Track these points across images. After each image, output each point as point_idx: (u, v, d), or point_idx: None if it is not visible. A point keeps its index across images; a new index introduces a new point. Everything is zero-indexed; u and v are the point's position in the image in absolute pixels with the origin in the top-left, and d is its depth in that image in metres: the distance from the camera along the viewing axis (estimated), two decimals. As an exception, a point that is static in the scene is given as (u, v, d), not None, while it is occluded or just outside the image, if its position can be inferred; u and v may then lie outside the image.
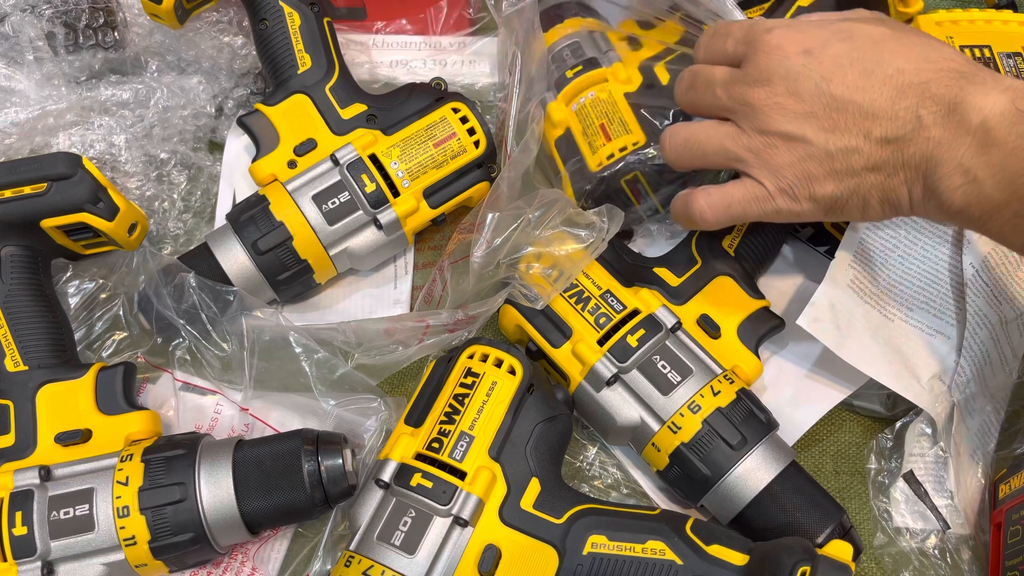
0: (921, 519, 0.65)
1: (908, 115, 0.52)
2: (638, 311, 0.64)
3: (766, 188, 0.57)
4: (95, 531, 0.56)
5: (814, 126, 0.54)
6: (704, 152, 0.59)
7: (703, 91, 0.59)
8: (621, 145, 0.67)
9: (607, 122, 0.68)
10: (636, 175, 0.67)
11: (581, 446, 0.68)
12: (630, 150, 0.67)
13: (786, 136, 0.55)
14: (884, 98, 0.52)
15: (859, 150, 0.53)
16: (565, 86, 0.71)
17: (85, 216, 0.62)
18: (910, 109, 0.52)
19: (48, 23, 0.75)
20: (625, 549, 0.54)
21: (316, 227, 0.69)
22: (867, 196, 0.55)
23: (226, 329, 0.67)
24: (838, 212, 0.57)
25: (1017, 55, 0.72)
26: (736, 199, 0.58)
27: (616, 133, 0.68)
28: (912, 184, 0.53)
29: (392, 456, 0.57)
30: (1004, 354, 0.65)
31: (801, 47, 0.55)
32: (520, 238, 0.63)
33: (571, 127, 0.71)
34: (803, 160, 0.55)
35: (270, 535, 0.64)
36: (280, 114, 0.72)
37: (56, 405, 0.60)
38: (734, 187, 0.58)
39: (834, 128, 0.54)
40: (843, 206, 0.56)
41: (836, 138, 0.54)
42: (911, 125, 0.52)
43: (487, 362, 0.60)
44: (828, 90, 0.54)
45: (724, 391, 0.62)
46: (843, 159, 0.54)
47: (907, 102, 0.52)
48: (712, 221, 0.60)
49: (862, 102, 0.53)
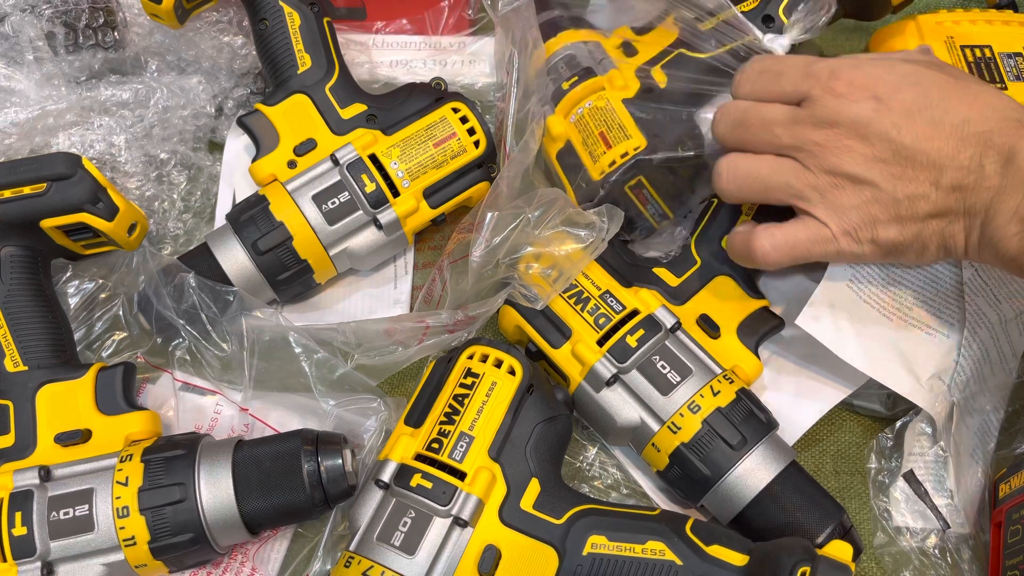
0: (921, 518, 0.65)
1: (972, 164, 0.53)
2: (637, 311, 0.64)
3: (831, 230, 0.57)
4: (95, 531, 0.56)
5: (883, 172, 0.54)
6: (766, 187, 0.59)
7: (758, 130, 0.59)
8: (622, 151, 0.66)
9: (606, 130, 0.67)
10: (640, 180, 0.66)
11: (581, 446, 0.68)
12: (631, 155, 0.66)
13: (854, 178, 0.55)
14: (950, 147, 0.53)
15: (926, 197, 0.54)
16: (562, 98, 0.70)
17: (85, 216, 0.62)
18: (974, 158, 0.52)
19: (48, 23, 0.75)
20: (625, 550, 0.54)
21: (316, 227, 0.69)
22: (927, 242, 0.56)
23: (226, 329, 0.67)
24: (897, 256, 0.57)
25: (1017, 55, 0.72)
26: (801, 240, 0.58)
27: (616, 140, 0.67)
28: (971, 231, 0.54)
29: (392, 456, 0.57)
30: (1004, 353, 0.65)
31: (870, 92, 0.55)
32: (519, 238, 0.63)
33: (571, 139, 0.69)
34: (869, 204, 0.55)
35: (270, 535, 0.64)
36: (280, 114, 0.72)
37: (56, 405, 0.60)
38: (798, 228, 0.58)
39: (902, 175, 0.54)
40: (903, 250, 0.57)
41: (904, 185, 0.54)
42: (975, 174, 0.53)
43: (487, 362, 0.60)
44: (898, 138, 0.54)
45: (724, 391, 0.62)
46: (909, 205, 0.54)
47: (971, 151, 0.53)
48: (774, 262, 0.59)
49: (930, 151, 0.53)
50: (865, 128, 0.54)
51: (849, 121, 0.55)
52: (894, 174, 0.54)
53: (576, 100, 0.70)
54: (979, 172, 0.52)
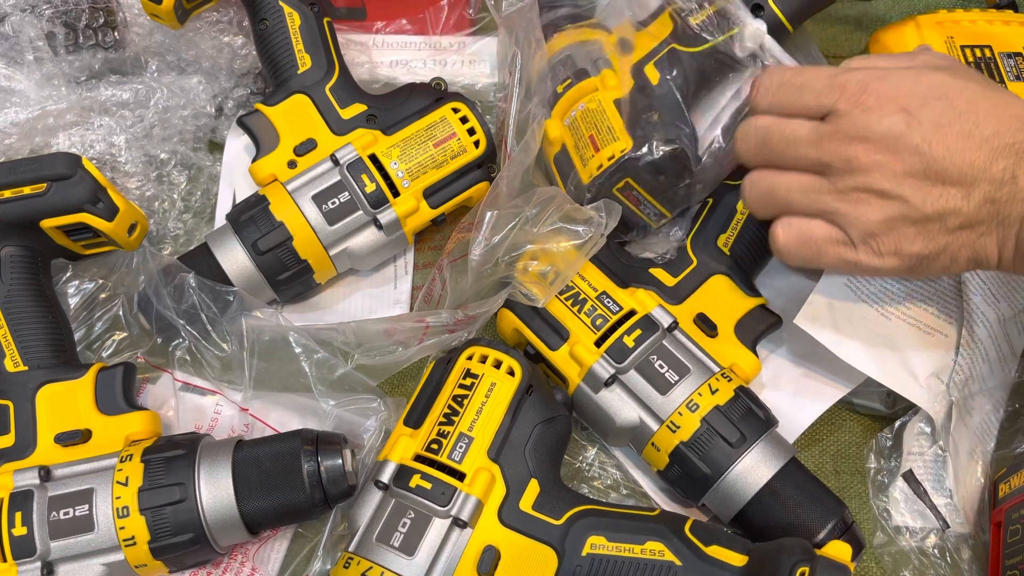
0: (920, 518, 0.65)
1: (1006, 176, 0.52)
2: (634, 312, 0.64)
3: (850, 236, 0.55)
4: (95, 531, 0.56)
5: (913, 186, 0.53)
6: (790, 203, 0.57)
7: (784, 149, 0.57)
8: (609, 154, 0.65)
9: (595, 132, 0.67)
10: (627, 182, 0.66)
11: (580, 447, 0.68)
12: (617, 157, 0.65)
13: (883, 193, 0.54)
14: (982, 160, 0.52)
15: (957, 211, 0.53)
16: (557, 101, 0.70)
17: (85, 216, 0.62)
18: (1007, 170, 0.52)
19: (48, 23, 0.75)
20: (624, 550, 0.54)
21: (316, 227, 0.69)
22: (956, 254, 0.55)
23: (226, 329, 0.68)
24: (923, 269, 0.56)
25: (1017, 55, 0.72)
26: (816, 236, 0.57)
27: (604, 143, 0.66)
28: (1004, 242, 0.53)
29: (391, 457, 0.57)
30: (1003, 352, 0.65)
31: (900, 106, 0.54)
32: (519, 236, 0.63)
33: (566, 142, 0.69)
34: (896, 218, 0.54)
35: (270, 535, 0.64)
36: (280, 114, 0.72)
37: (56, 405, 0.60)
38: (817, 225, 0.57)
39: (932, 190, 0.53)
40: (929, 264, 0.55)
41: (934, 200, 0.53)
42: (1008, 186, 0.52)
43: (486, 363, 0.60)
44: (929, 152, 0.53)
45: (722, 389, 0.62)
46: (939, 219, 0.53)
47: (1004, 163, 0.52)
48: (784, 249, 0.58)
49: (962, 165, 0.52)
50: (896, 142, 0.53)
51: (879, 136, 0.53)
52: (924, 188, 0.53)
53: (570, 103, 0.69)
54: (1012, 184, 0.52)
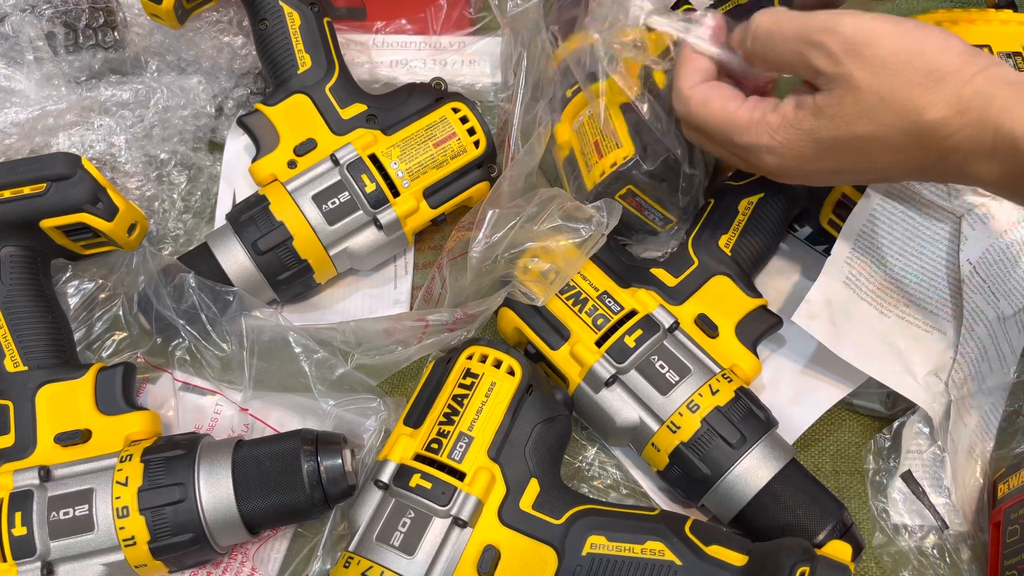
0: (919, 518, 0.65)
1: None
2: (635, 312, 0.64)
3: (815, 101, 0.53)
4: (95, 531, 0.56)
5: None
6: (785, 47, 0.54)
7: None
8: (612, 161, 0.65)
9: (600, 138, 0.66)
10: (629, 189, 0.66)
11: (580, 446, 0.68)
12: (619, 164, 0.65)
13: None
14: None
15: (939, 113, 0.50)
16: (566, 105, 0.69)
17: (85, 216, 0.62)
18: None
19: (48, 23, 0.75)
20: (624, 550, 0.54)
21: (316, 227, 0.69)
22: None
23: (226, 329, 0.68)
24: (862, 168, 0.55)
25: (1017, 55, 0.72)
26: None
27: (607, 149, 0.66)
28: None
29: (391, 457, 0.57)
30: (1002, 351, 0.65)
31: None
32: (519, 234, 0.63)
33: (573, 147, 0.69)
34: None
35: (270, 535, 0.64)
36: (280, 114, 0.72)
37: (56, 405, 0.60)
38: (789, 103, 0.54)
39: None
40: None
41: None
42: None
43: (486, 363, 0.60)
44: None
45: (723, 390, 0.62)
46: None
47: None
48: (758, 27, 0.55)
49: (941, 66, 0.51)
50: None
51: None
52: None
53: (579, 107, 0.69)
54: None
